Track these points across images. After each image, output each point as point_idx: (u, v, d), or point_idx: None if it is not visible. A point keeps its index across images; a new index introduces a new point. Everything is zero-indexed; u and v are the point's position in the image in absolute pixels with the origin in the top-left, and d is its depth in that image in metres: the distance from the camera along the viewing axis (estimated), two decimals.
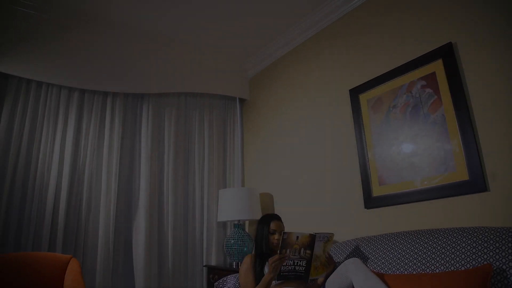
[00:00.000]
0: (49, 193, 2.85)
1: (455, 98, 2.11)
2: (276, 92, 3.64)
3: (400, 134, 2.39)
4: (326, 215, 2.87)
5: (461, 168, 2.04)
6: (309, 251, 1.90)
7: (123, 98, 3.41)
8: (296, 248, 1.87)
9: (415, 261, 1.89)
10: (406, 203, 2.31)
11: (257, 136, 3.83)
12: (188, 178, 3.61)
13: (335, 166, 2.86)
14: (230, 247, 3.16)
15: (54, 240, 2.81)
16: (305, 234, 1.88)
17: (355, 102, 2.73)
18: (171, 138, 3.52)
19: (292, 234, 1.85)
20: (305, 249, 1.88)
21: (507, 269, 1.56)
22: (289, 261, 1.90)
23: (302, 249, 1.87)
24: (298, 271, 1.92)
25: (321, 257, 1.97)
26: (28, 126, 2.89)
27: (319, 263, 1.96)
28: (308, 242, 1.88)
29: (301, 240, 1.87)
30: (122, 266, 3.16)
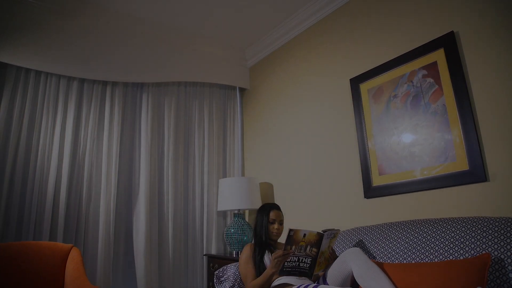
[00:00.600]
0: (50, 183, 2.85)
1: (456, 87, 2.10)
2: (276, 82, 3.62)
3: (401, 124, 2.38)
4: (326, 205, 2.88)
5: (461, 158, 2.04)
6: (315, 249, 1.90)
7: (123, 88, 3.39)
8: (302, 245, 1.85)
9: (414, 251, 1.91)
10: (405, 193, 2.32)
11: (257, 125, 3.82)
12: (188, 167, 3.62)
13: (335, 155, 2.86)
14: (230, 236, 3.18)
15: (55, 230, 2.83)
16: (313, 232, 1.86)
17: (356, 92, 2.71)
18: (171, 127, 3.52)
19: (299, 232, 1.82)
20: (312, 247, 1.87)
21: (505, 258, 1.57)
22: (294, 258, 1.88)
23: (308, 247, 1.86)
24: (302, 267, 1.92)
25: (325, 253, 1.97)
26: (28, 116, 2.88)
27: (323, 258, 1.96)
28: (315, 240, 1.87)
29: (308, 238, 1.85)
30: (123, 255, 3.18)
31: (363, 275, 1.76)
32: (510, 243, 1.59)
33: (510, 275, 1.53)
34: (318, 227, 2.86)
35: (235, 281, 2.26)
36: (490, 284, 1.57)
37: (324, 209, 2.88)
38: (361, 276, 1.77)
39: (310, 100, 3.17)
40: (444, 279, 1.57)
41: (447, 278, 1.56)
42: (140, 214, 3.17)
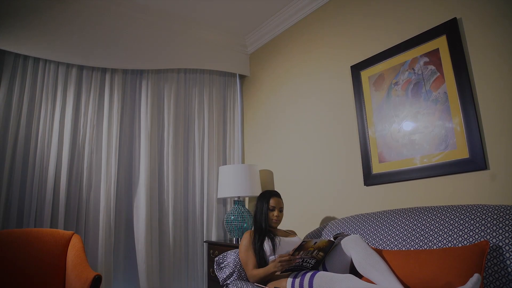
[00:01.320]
0: (50, 170, 2.86)
1: (458, 75, 2.08)
2: (277, 69, 3.60)
3: (401, 112, 2.37)
4: (325, 192, 2.89)
5: (462, 146, 2.04)
6: (322, 253, 1.91)
7: (122, 75, 3.37)
8: (310, 250, 1.87)
9: (413, 238, 1.92)
10: (405, 180, 2.32)
11: (257, 112, 3.81)
12: (188, 154, 3.62)
13: (335, 143, 2.86)
14: (230, 223, 3.20)
15: (56, 217, 2.84)
16: (324, 240, 1.87)
17: (357, 79, 2.70)
18: (171, 115, 3.51)
19: (311, 241, 1.84)
20: (319, 251, 1.89)
21: (504, 245, 1.59)
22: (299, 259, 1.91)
23: (316, 251, 1.88)
24: (304, 266, 1.94)
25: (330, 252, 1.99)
26: (27, 104, 2.87)
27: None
28: (324, 246, 1.88)
29: (318, 244, 1.87)
30: (124, 242, 3.21)
31: (362, 262, 1.77)
32: (508, 231, 1.60)
33: (508, 262, 1.55)
34: (317, 215, 2.89)
35: (235, 268, 2.28)
36: (487, 271, 1.58)
37: (324, 196, 2.89)
38: (360, 263, 1.79)
39: (311, 87, 3.15)
40: (443, 266, 1.58)
41: (446, 265, 1.58)
42: (141, 201, 3.19)
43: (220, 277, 2.33)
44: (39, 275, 2.32)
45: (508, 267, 1.54)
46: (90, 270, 2.15)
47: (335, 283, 1.71)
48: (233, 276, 2.28)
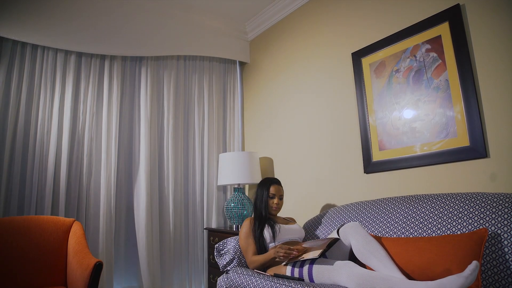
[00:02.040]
0: (50, 158, 2.86)
1: (460, 63, 2.06)
2: (277, 55, 3.57)
3: (402, 99, 2.36)
4: (325, 179, 2.89)
5: (462, 134, 2.03)
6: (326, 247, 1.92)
7: (121, 62, 3.34)
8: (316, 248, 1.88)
9: (413, 225, 1.93)
10: (405, 168, 2.32)
11: (257, 100, 3.79)
12: (188, 142, 3.62)
13: (336, 130, 2.85)
14: (230, 210, 3.22)
15: (57, 205, 2.86)
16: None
17: (357, 66, 2.67)
18: (171, 102, 3.49)
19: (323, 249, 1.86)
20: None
21: (502, 233, 1.60)
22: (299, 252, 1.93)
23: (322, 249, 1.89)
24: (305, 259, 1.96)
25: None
26: (25, 91, 2.86)
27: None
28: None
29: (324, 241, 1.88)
30: (125, 229, 3.23)
31: (362, 249, 1.79)
32: (507, 219, 1.61)
33: (506, 249, 1.56)
34: (318, 202, 2.90)
35: (235, 254, 2.30)
36: (485, 258, 1.59)
37: (324, 183, 2.90)
38: (359, 250, 1.80)
39: (311, 74, 3.13)
40: (441, 253, 1.59)
41: (444, 252, 1.59)
42: (141, 189, 3.20)
43: (220, 264, 2.35)
44: (41, 262, 2.34)
45: (506, 254, 1.55)
46: (91, 257, 2.17)
47: (335, 270, 1.73)
48: (233, 262, 2.30)
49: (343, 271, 1.69)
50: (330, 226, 2.40)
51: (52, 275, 2.35)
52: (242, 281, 2.03)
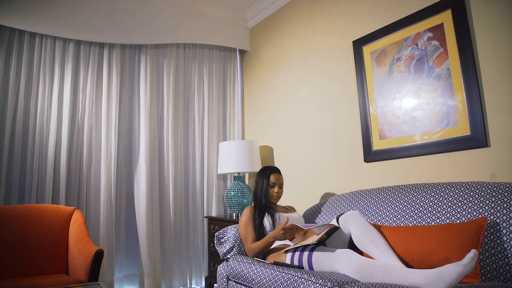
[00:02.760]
0: (50, 147, 2.86)
1: (462, 51, 2.04)
2: (277, 43, 3.54)
3: (403, 88, 2.35)
4: (325, 168, 2.89)
5: (463, 123, 2.03)
6: (325, 235, 1.93)
7: (120, 50, 3.32)
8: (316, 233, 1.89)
9: (412, 214, 1.94)
10: (406, 157, 2.32)
11: (257, 88, 3.77)
12: (188, 130, 3.62)
13: (336, 119, 2.85)
14: (230, 199, 3.23)
15: (57, 193, 2.87)
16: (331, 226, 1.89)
17: (358, 54, 2.65)
18: (170, 90, 3.48)
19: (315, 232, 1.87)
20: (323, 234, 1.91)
21: (501, 222, 1.60)
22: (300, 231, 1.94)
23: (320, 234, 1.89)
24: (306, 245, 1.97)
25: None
26: (24, 80, 2.85)
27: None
28: (329, 230, 1.90)
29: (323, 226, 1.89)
30: (125, 217, 3.25)
31: (361, 237, 1.80)
32: (506, 208, 1.62)
33: (504, 238, 1.56)
34: (317, 191, 2.91)
35: (235, 242, 2.32)
36: (484, 247, 1.60)
37: (324, 172, 2.90)
38: (359, 238, 1.81)
39: (312, 63, 3.11)
40: (440, 242, 1.60)
41: (443, 241, 1.60)
42: (141, 177, 3.21)
43: (221, 252, 2.37)
44: (42, 250, 2.36)
45: (504, 243, 1.56)
46: (92, 245, 2.19)
47: (334, 258, 1.74)
48: (233, 250, 2.32)
49: (343, 259, 1.70)
50: (330, 215, 2.41)
51: (54, 263, 2.37)
52: (242, 269, 2.05)
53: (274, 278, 1.80)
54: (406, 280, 1.43)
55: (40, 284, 1.96)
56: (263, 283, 1.86)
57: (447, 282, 1.32)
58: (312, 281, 1.60)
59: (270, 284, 1.81)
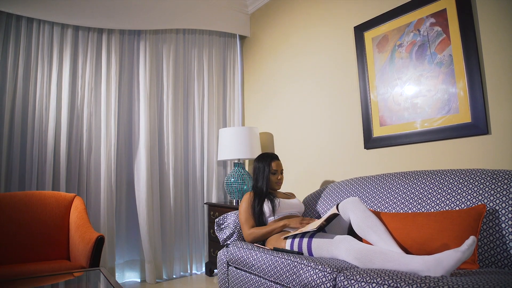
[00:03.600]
0: (49, 133, 2.85)
1: (465, 37, 2.02)
2: (277, 29, 3.50)
3: (404, 74, 2.33)
4: (325, 155, 2.90)
5: (464, 110, 2.02)
6: (325, 222, 1.94)
7: (119, 35, 3.28)
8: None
9: (411, 201, 1.95)
10: (406, 144, 2.32)
11: (257, 74, 3.75)
12: (187, 117, 3.60)
13: (336, 105, 2.83)
14: (230, 185, 3.24)
15: (58, 180, 2.87)
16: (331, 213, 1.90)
17: (360, 40, 2.63)
18: (170, 76, 3.45)
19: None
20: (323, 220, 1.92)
21: (500, 209, 1.61)
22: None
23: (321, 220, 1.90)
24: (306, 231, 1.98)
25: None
26: (22, 66, 2.82)
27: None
28: (329, 217, 1.91)
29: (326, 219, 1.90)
30: (126, 203, 3.26)
31: (361, 224, 1.81)
32: (506, 195, 1.62)
33: (503, 225, 1.57)
34: (317, 177, 2.92)
35: (235, 228, 2.33)
36: (483, 233, 1.61)
37: (324, 159, 2.90)
38: (358, 225, 1.82)
39: (312, 49, 3.08)
40: (439, 229, 1.61)
41: (442, 228, 1.61)
42: (141, 164, 3.21)
43: (221, 238, 2.38)
44: (43, 236, 2.38)
45: (502, 230, 1.57)
46: (93, 231, 2.20)
47: (333, 244, 1.76)
48: (233, 236, 2.33)
49: (342, 245, 1.71)
50: (330, 201, 2.42)
51: (55, 249, 2.39)
52: (242, 255, 2.07)
53: (274, 264, 1.81)
54: (405, 266, 1.44)
55: (42, 270, 1.98)
56: (263, 269, 1.88)
57: (445, 268, 1.33)
58: (311, 267, 1.61)
59: (270, 270, 1.83)
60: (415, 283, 1.23)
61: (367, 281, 1.36)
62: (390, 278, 1.31)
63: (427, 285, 1.19)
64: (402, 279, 1.28)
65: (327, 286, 1.51)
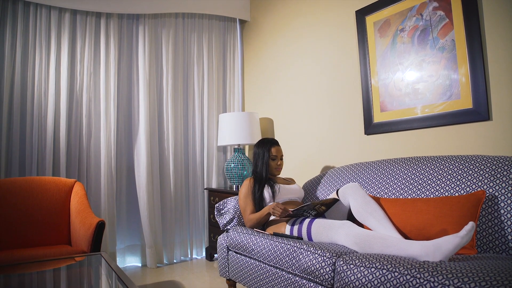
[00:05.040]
0: (49, 119, 2.85)
1: (468, 22, 1.99)
2: (278, 13, 3.45)
3: (406, 59, 2.31)
4: (326, 140, 2.89)
5: (466, 96, 2.00)
6: (324, 207, 1.95)
7: (118, 20, 3.24)
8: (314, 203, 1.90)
9: (411, 187, 1.95)
10: (407, 130, 2.31)
11: (257, 59, 3.72)
12: (187, 102, 3.59)
13: (337, 91, 2.81)
14: (230, 170, 3.25)
15: (58, 166, 2.88)
16: (330, 198, 1.90)
17: (361, 25, 2.59)
18: (169, 61, 3.42)
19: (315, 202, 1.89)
20: (322, 205, 1.92)
21: (499, 195, 1.61)
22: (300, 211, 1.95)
23: (318, 205, 1.90)
24: (305, 216, 1.99)
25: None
26: (20, 51, 2.80)
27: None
28: (328, 202, 1.91)
29: (323, 201, 1.90)
30: (126, 189, 3.28)
31: (360, 209, 1.81)
32: (505, 181, 1.62)
33: (502, 211, 1.58)
34: (317, 163, 2.92)
35: (235, 214, 2.35)
36: (481, 219, 1.62)
37: (324, 144, 2.90)
38: (358, 210, 1.83)
39: (313, 34, 3.04)
40: (438, 214, 1.62)
41: (441, 213, 1.61)
42: (141, 149, 3.21)
43: (221, 223, 2.40)
44: (44, 222, 2.39)
45: (501, 216, 1.57)
46: (93, 216, 2.21)
47: (333, 229, 1.77)
48: (233, 221, 2.35)
49: (341, 230, 1.72)
50: (330, 187, 2.43)
51: (56, 234, 2.41)
52: (242, 240, 2.09)
53: (274, 249, 1.83)
54: (403, 251, 1.45)
55: (44, 255, 1.99)
56: (263, 253, 1.90)
57: (443, 253, 1.34)
58: (311, 252, 1.63)
59: (270, 255, 1.85)
60: (414, 268, 1.24)
61: (366, 265, 1.37)
62: (389, 263, 1.32)
63: (426, 270, 1.20)
64: (400, 264, 1.29)
65: (327, 271, 1.53)
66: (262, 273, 1.93)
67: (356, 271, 1.39)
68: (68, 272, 1.92)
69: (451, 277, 1.12)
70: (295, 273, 1.71)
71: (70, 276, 1.86)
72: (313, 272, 1.58)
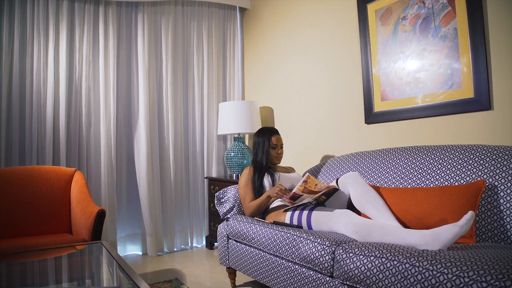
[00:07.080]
0: (48, 108, 2.84)
1: (471, 10, 1.96)
2: (279, 1, 3.41)
3: (407, 48, 2.29)
4: (326, 129, 2.88)
5: (467, 85, 1.99)
6: (324, 197, 1.94)
7: (116, 7, 3.21)
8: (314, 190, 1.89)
9: (411, 176, 1.95)
10: (407, 119, 2.30)
11: (258, 48, 3.69)
12: (187, 91, 3.57)
13: (337, 79, 2.80)
14: (230, 159, 3.25)
15: (58, 155, 2.88)
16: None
17: (362, 12, 2.56)
18: (169, 50, 3.40)
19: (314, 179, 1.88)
20: (322, 195, 1.92)
21: (499, 185, 1.61)
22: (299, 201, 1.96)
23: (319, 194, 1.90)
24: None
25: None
26: (18, 40, 2.78)
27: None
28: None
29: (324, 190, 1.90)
30: (126, 178, 3.28)
31: (360, 198, 1.82)
32: (505, 171, 1.62)
33: (501, 200, 1.58)
34: (318, 152, 2.92)
35: (235, 202, 2.35)
36: (481, 209, 1.62)
37: (325, 133, 2.90)
38: (357, 199, 1.83)
39: (314, 21, 3.01)
40: (438, 203, 1.62)
41: (441, 203, 1.62)
42: (141, 138, 3.20)
43: (221, 211, 2.41)
44: (45, 211, 2.40)
45: (501, 205, 1.58)
46: (94, 205, 2.22)
47: (333, 218, 1.77)
48: (233, 210, 2.36)
49: (341, 219, 1.73)
50: (330, 176, 2.43)
51: (57, 223, 2.42)
52: (242, 228, 2.10)
53: (274, 237, 1.84)
54: (403, 240, 1.46)
55: (45, 243, 2.01)
56: (263, 242, 1.91)
57: (442, 242, 1.35)
58: (310, 240, 1.63)
59: (270, 243, 1.86)
60: (413, 256, 1.25)
61: (365, 254, 1.38)
62: (388, 252, 1.33)
63: (425, 259, 1.21)
64: (400, 253, 1.30)
65: (326, 259, 1.54)
66: (262, 261, 1.94)
67: (356, 260, 1.40)
68: (69, 260, 1.93)
69: (449, 265, 1.13)
70: (294, 262, 1.72)
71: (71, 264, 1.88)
72: (312, 261, 1.59)
